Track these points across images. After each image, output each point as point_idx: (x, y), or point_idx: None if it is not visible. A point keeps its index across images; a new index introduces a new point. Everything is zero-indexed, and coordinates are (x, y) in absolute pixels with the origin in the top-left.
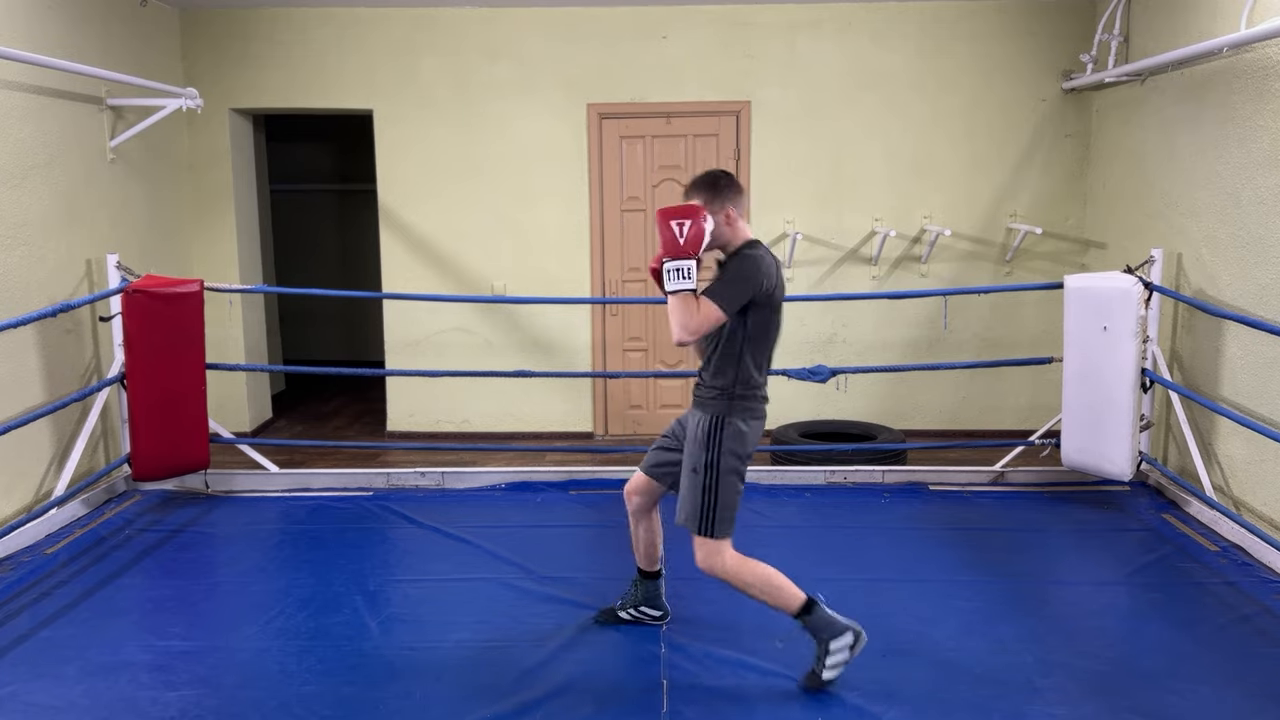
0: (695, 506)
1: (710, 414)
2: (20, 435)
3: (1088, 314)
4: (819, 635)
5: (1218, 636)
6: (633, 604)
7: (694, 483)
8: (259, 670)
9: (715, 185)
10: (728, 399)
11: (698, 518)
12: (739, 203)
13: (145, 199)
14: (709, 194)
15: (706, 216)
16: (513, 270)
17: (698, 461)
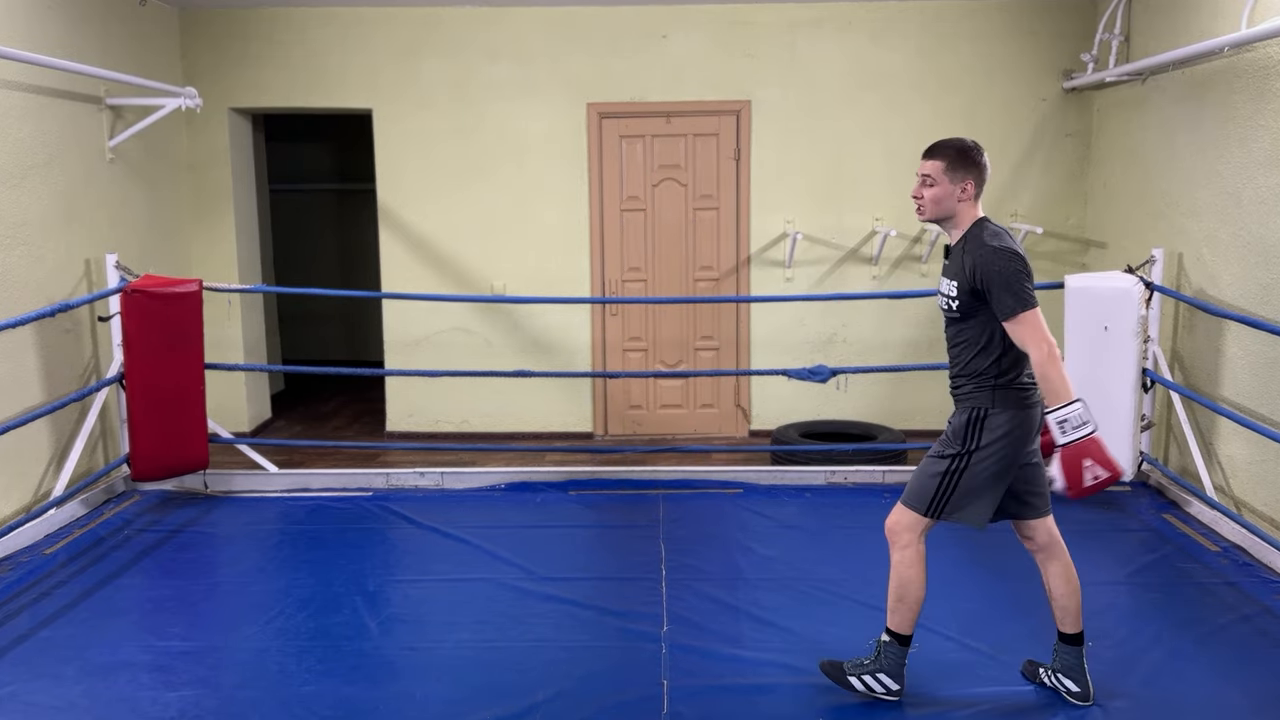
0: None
1: (969, 409)
2: (19, 435)
3: (1088, 314)
4: (880, 663)
5: (1218, 636)
6: (1053, 669)
7: (933, 467)
8: (259, 670)
9: (964, 155)
10: (990, 390)
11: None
12: (981, 182)
13: (144, 199)
14: (952, 160)
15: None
16: (513, 270)
17: (944, 448)
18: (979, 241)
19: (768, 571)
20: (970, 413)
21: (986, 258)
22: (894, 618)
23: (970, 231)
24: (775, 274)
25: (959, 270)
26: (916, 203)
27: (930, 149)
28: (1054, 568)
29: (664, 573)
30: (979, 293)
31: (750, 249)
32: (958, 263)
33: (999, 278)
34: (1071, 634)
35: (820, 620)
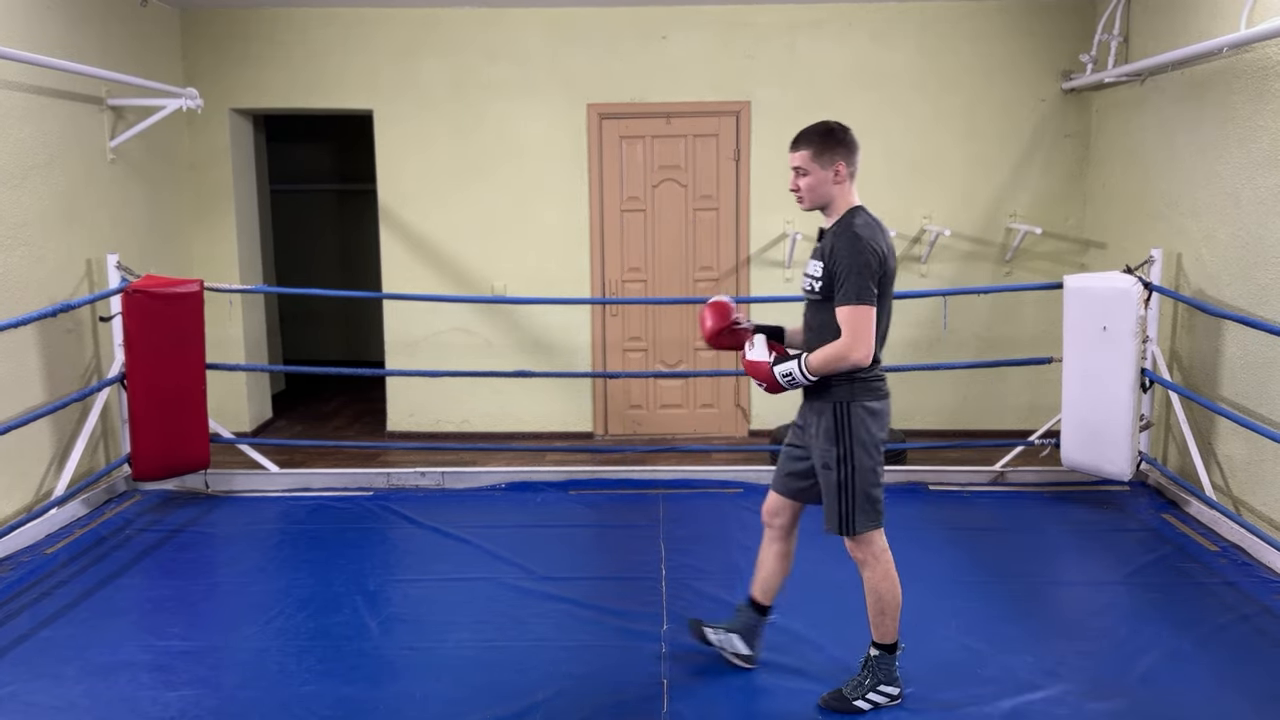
0: (836, 504)
1: (834, 403)
2: (20, 435)
3: (1087, 314)
4: (875, 672)
5: (1218, 636)
6: (727, 628)
7: (831, 480)
8: (259, 670)
9: (828, 137)
10: (850, 383)
11: (843, 516)
12: (852, 161)
13: (145, 199)
14: (818, 146)
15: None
16: (513, 270)
17: (830, 457)
18: (848, 226)
19: None
20: (834, 409)
21: (848, 242)
22: (878, 631)
23: (844, 218)
24: (775, 274)
25: (826, 252)
26: (795, 195)
27: (795, 139)
28: (785, 548)
29: (664, 573)
30: (833, 274)
31: (750, 249)
32: (826, 244)
33: (851, 263)
34: (764, 605)
35: (820, 620)
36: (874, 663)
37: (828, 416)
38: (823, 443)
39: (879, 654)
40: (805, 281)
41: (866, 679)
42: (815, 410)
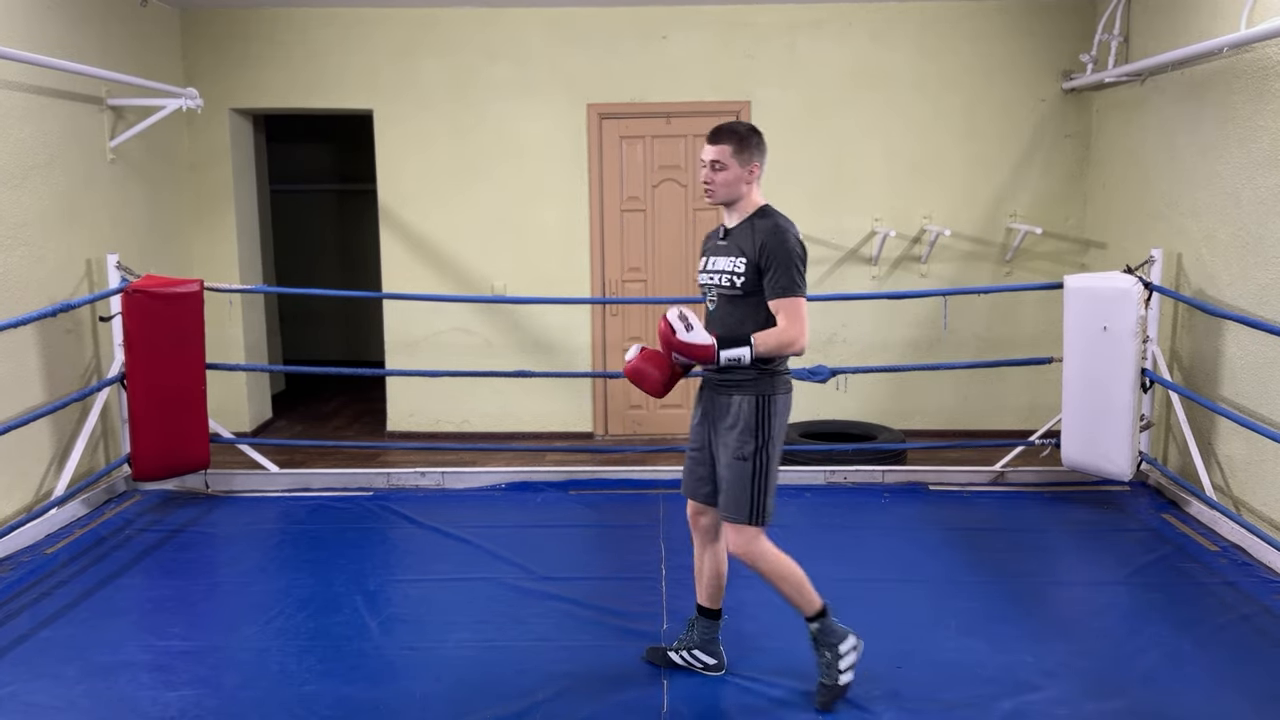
0: (744, 495)
1: (747, 394)
2: (20, 435)
3: (1088, 314)
4: (827, 640)
5: (1218, 636)
6: (687, 646)
7: (743, 471)
8: (259, 670)
9: (750, 135)
10: (770, 376)
11: (749, 506)
12: (763, 163)
13: (145, 199)
14: (739, 143)
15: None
16: (513, 270)
17: (747, 449)
18: (770, 222)
19: None
20: (755, 402)
21: (779, 238)
22: (802, 605)
23: (757, 214)
24: None
25: (747, 248)
26: (706, 187)
27: (716, 133)
28: (718, 549)
29: (664, 572)
30: (763, 270)
31: None
32: (744, 241)
33: (785, 258)
34: (715, 610)
35: None
36: (820, 636)
37: (748, 408)
38: (740, 434)
39: (818, 625)
40: (719, 278)
41: (826, 653)
42: (731, 403)
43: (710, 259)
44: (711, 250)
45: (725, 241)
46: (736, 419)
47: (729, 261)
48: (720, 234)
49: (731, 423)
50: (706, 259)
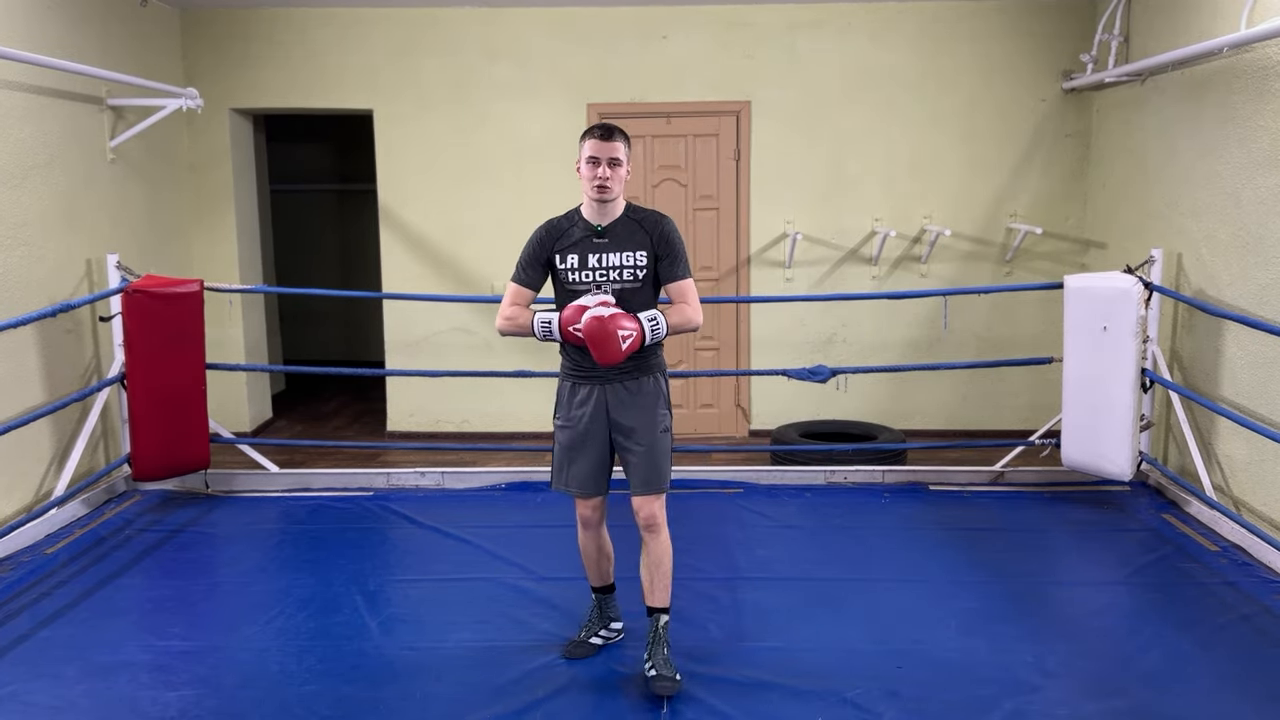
0: (665, 467)
1: (656, 374)
2: (20, 435)
3: (1088, 314)
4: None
5: (1218, 636)
6: (603, 624)
7: (664, 444)
8: (259, 670)
9: (628, 138)
10: (662, 354)
11: (667, 476)
12: None
13: (145, 199)
14: (628, 143)
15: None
16: (513, 270)
17: (665, 421)
18: (652, 215)
19: (768, 571)
20: (660, 377)
21: (669, 227)
22: (666, 595)
23: (632, 207)
24: (775, 274)
25: (642, 241)
26: (604, 184)
27: (611, 131)
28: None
29: None
30: (659, 259)
31: (750, 249)
32: (635, 235)
33: (680, 245)
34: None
35: (820, 620)
36: (666, 630)
37: (654, 384)
38: (652, 410)
39: (668, 619)
40: (619, 273)
41: (667, 649)
42: (642, 384)
43: (592, 256)
44: (587, 249)
45: (604, 239)
46: (644, 397)
47: (631, 255)
48: (595, 231)
49: (650, 402)
50: (584, 256)
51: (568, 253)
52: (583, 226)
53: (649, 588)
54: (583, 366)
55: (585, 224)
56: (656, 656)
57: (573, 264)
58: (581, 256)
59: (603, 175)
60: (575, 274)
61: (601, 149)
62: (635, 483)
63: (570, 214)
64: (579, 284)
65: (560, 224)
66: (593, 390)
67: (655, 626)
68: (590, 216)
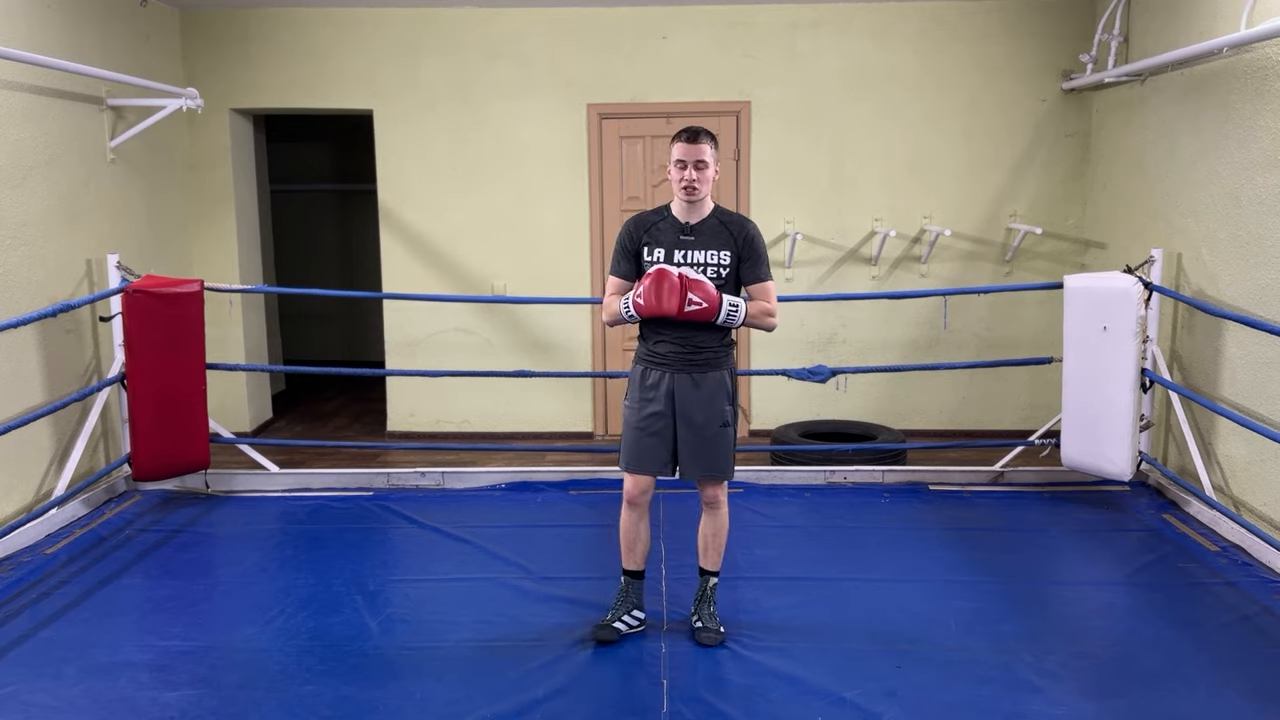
0: (727, 457)
1: (724, 371)
2: (20, 435)
3: (1088, 314)
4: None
5: (1218, 636)
6: (627, 609)
7: (726, 437)
8: (259, 670)
9: (716, 140)
10: (734, 356)
11: (732, 465)
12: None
13: (145, 199)
14: (715, 144)
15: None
16: (513, 270)
17: (728, 415)
18: (738, 218)
19: (768, 571)
20: (728, 375)
21: (755, 231)
22: (720, 560)
23: (720, 209)
24: (775, 274)
25: (727, 242)
26: (691, 185)
27: (696, 134)
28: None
29: (664, 572)
30: (742, 260)
31: None
32: (721, 235)
33: (764, 247)
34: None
35: (820, 620)
36: (714, 591)
37: (724, 381)
38: (720, 404)
39: (717, 581)
40: (702, 270)
41: (713, 606)
42: (709, 378)
43: (678, 252)
44: (674, 244)
45: (691, 236)
46: (711, 392)
47: (715, 254)
48: (683, 228)
49: (715, 395)
50: (670, 251)
51: (655, 246)
52: (671, 223)
53: (703, 551)
54: (655, 353)
55: (674, 220)
56: (703, 612)
57: (659, 257)
58: (668, 251)
59: (690, 178)
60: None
61: (689, 152)
62: (698, 469)
63: (661, 209)
64: None
65: (649, 218)
66: (663, 376)
67: (704, 586)
68: (679, 214)
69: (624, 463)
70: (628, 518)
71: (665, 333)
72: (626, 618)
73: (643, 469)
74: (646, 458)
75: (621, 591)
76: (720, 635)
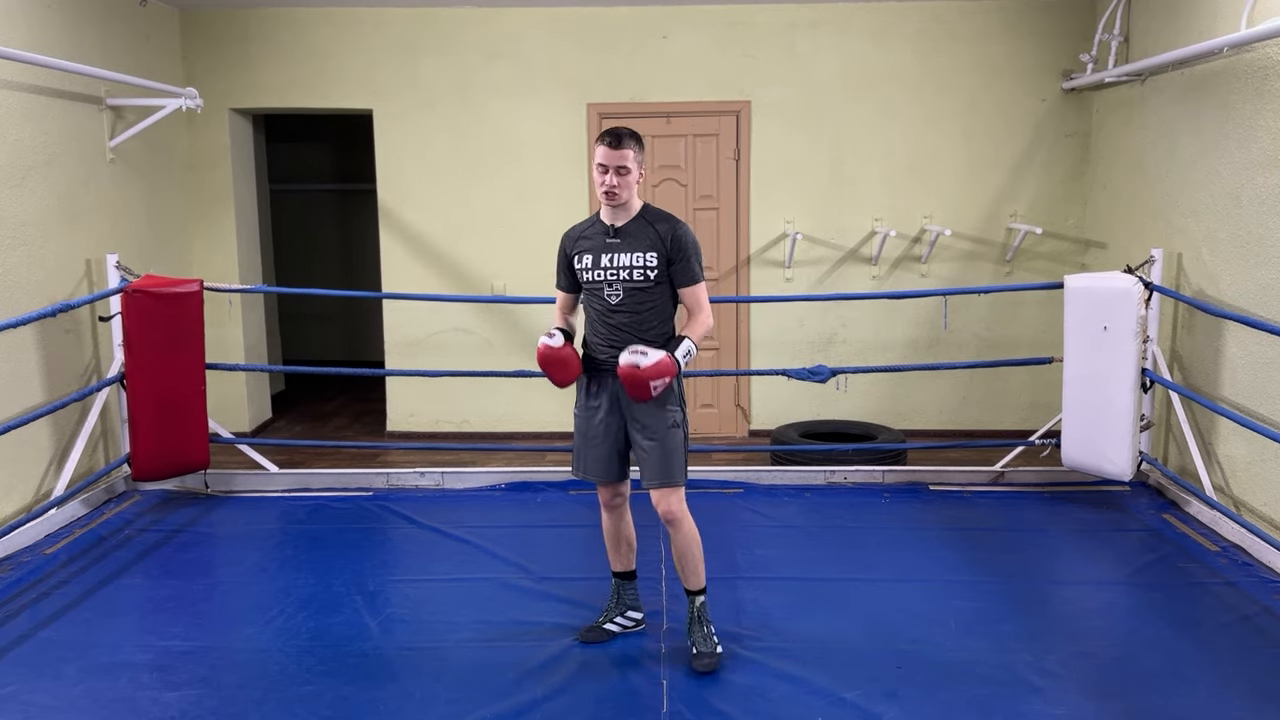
0: (679, 460)
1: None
2: (20, 435)
3: (1088, 314)
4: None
5: (1218, 636)
6: (619, 611)
7: (676, 438)
8: (259, 670)
9: (640, 139)
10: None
11: (682, 469)
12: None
13: (145, 199)
14: (639, 147)
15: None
16: (513, 270)
17: (676, 417)
18: (666, 217)
19: (768, 571)
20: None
21: (683, 231)
22: (699, 575)
23: (648, 209)
24: (775, 274)
25: (653, 242)
26: (611, 190)
27: (619, 138)
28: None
29: (664, 572)
30: (671, 261)
31: (750, 249)
32: (648, 236)
33: (693, 248)
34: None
35: (820, 620)
36: (704, 609)
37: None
38: (667, 407)
39: (704, 600)
40: (629, 273)
41: (705, 627)
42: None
43: (604, 255)
44: (600, 249)
45: (616, 239)
46: (664, 394)
47: (641, 256)
48: (608, 231)
49: (659, 398)
50: (597, 256)
51: (584, 253)
52: (598, 228)
53: (680, 574)
54: (595, 361)
55: (601, 225)
56: (695, 635)
57: (587, 263)
58: (595, 256)
59: (610, 183)
60: (589, 273)
61: (610, 157)
62: (648, 477)
63: (591, 217)
64: (593, 282)
65: (579, 228)
66: (604, 383)
67: (692, 608)
68: (606, 218)
69: (576, 470)
70: (605, 521)
71: (600, 338)
72: (620, 619)
73: (598, 477)
74: (599, 466)
75: (612, 593)
76: (715, 659)
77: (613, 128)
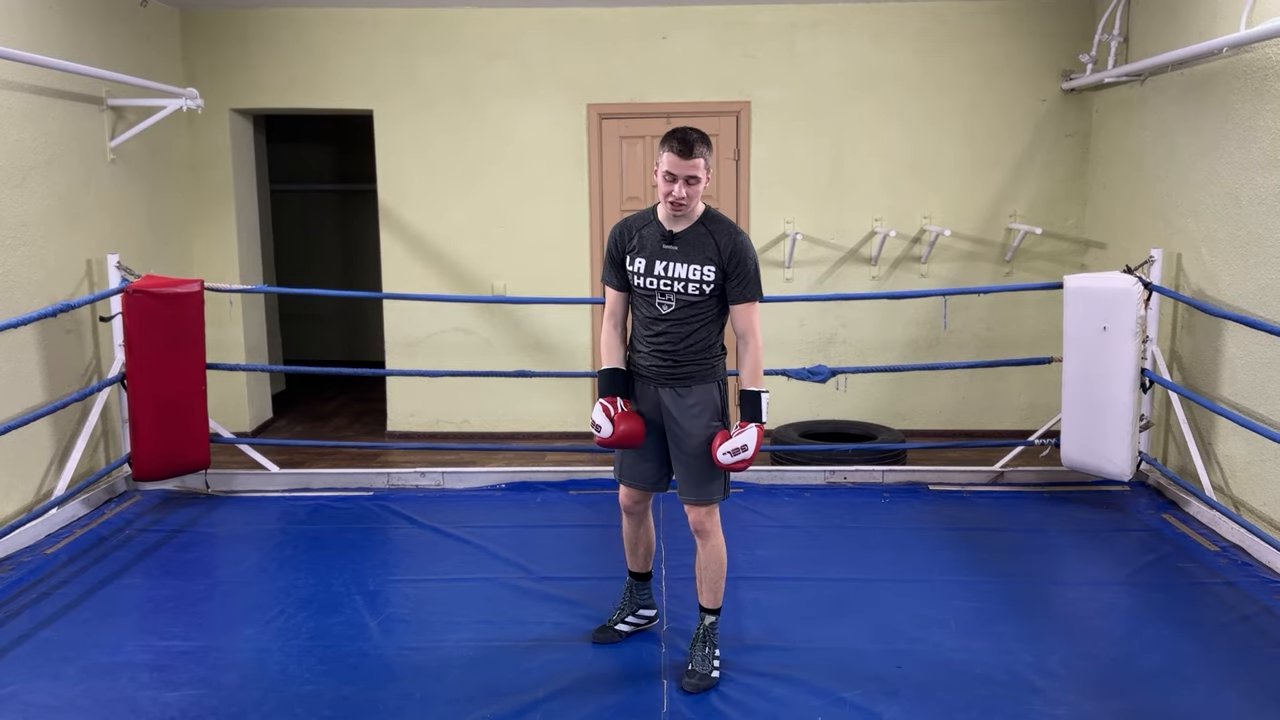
0: (714, 478)
1: (711, 383)
2: (20, 435)
3: (1087, 314)
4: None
5: (1218, 636)
6: (631, 610)
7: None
8: (259, 670)
9: (712, 147)
10: (722, 362)
11: (720, 485)
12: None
13: (145, 199)
14: (709, 154)
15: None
16: (513, 270)
17: (715, 433)
18: (727, 227)
19: (767, 571)
20: (716, 388)
21: (743, 243)
22: (717, 598)
23: (709, 214)
24: (775, 274)
25: (712, 255)
26: (678, 204)
27: (690, 145)
28: (650, 524)
29: (664, 572)
30: (728, 276)
31: None
32: (707, 247)
33: (753, 264)
34: (649, 573)
35: (820, 620)
36: (712, 630)
37: (713, 394)
38: (709, 419)
39: (715, 620)
40: (682, 285)
41: (707, 648)
42: (693, 392)
43: (659, 263)
44: (655, 254)
45: (674, 246)
46: (699, 406)
47: (697, 269)
48: (666, 237)
49: (701, 411)
50: (651, 262)
51: (636, 255)
52: (655, 229)
53: (698, 587)
54: (639, 364)
55: (658, 227)
56: (696, 653)
57: (639, 268)
58: (649, 262)
59: (678, 194)
60: (641, 279)
61: (680, 166)
62: (686, 490)
63: (646, 213)
64: (644, 289)
65: (635, 222)
66: (647, 391)
67: (701, 625)
68: (664, 220)
69: (617, 473)
70: (625, 524)
71: (643, 345)
72: (631, 618)
73: (633, 483)
74: (633, 471)
75: (625, 591)
76: (708, 683)
77: (680, 130)
